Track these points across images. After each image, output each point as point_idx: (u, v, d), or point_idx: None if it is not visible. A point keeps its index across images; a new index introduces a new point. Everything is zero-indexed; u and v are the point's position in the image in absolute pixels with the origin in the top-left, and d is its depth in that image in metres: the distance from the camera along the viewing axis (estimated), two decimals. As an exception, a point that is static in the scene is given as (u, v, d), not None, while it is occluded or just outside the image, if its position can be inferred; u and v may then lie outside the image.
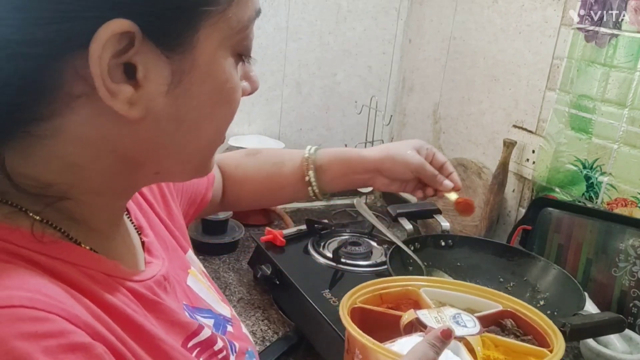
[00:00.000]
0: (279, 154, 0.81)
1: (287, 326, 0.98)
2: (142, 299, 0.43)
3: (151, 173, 0.43)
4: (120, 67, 0.35)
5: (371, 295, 0.63)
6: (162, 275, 0.48)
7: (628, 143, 1.02)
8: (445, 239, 1.07)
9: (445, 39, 1.47)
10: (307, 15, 1.49)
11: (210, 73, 0.39)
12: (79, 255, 0.39)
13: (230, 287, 1.09)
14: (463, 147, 1.44)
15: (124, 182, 0.42)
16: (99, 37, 0.33)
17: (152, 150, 0.40)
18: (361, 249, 1.11)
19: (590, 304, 0.95)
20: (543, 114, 1.21)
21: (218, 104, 0.41)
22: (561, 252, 1.09)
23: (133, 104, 0.36)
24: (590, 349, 0.87)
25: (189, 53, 0.37)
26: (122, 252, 0.46)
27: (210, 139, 0.43)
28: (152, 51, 0.36)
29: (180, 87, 0.38)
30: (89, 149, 0.38)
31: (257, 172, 0.80)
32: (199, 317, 0.51)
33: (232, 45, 0.40)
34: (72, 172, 0.39)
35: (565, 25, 1.13)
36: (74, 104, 0.36)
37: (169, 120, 0.39)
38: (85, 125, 0.37)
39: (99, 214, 0.42)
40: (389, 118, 1.61)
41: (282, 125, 1.57)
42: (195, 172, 0.46)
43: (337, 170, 0.77)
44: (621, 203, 1.04)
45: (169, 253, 0.55)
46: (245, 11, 0.40)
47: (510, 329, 0.61)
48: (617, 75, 1.03)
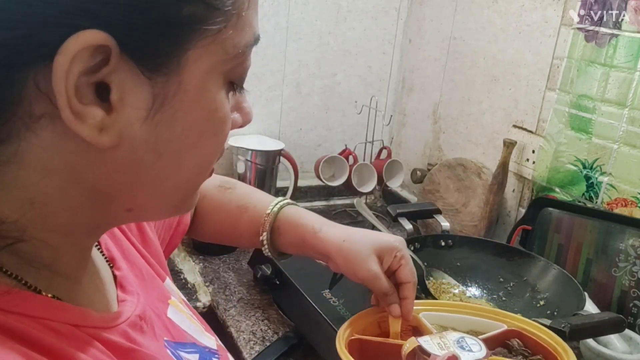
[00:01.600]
0: (247, 196, 0.73)
1: (287, 326, 0.98)
2: (115, 349, 0.37)
3: (123, 210, 0.37)
4: (92, 86, 0.31)
5: (369, 325, 0.62)
6: (137, 315, 0.42)
7: (628, 143, 1.02)
8: (445, 239, 1.07)
9: (445, 39, 1.47)
10: (307, 15, 1.49)
11: (198, 100, 0.34)
12: (39, 306, 0.33)
13: (230, 287, 1.09)
14: (463, 147, 1.44)
15: (92, 218, 0.37)
16: (67, 48, 0.29)
17: (125, 183, 0.35)
18: (361, 249, 1.11)
19: (590, 304, 0.95)
20: (543, 114, 1.21)
21: (204, 135, 0.36)
22: (561, 252, 1.09)
23: (103, 130, 0.31)
24: (590, 349, 0.87)
25: (175, 75, 0.33)
26: (91, 294, 0.40)
27: (192, 173, 0.38)
28: (131, 70, 0.31)
29: (161, 113, 0.33)
30: (52, 178, 0.33)
31: (219, 209, 0.73)
32: (182, 353, 0.47)
33: (225, 72, 0.36)
34: (32, 207, 0.33)
35: (565, 25, 1.13)
36: (35, 126, 0.31)
37: (146, 150, 0.33)
38: (48, 151, 0.32)
39: (64, 256, 0.36)
40: (389, 118, 1.61)
41: (282, 125, 1.57)
42: (174, 209, 0.41)
43: (292, 240, 0.68)
44: (621, 203, 1.04)
45: (145, 284, 0.50)
46: (243, 36, 0.35)
47: (517, 350, 0.59)
48: (617, 75, 1.03)
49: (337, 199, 1.65)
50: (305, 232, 0.67)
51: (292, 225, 0.68)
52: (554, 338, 0.59)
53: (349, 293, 0.62)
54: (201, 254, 1.20)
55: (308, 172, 1.58)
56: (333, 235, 0.66)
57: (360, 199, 1.51)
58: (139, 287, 0.48)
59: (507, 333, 0.61)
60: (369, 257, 0.64)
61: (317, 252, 0.67)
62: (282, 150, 1.42)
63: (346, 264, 0.64)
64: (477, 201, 1.31)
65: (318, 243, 0.66)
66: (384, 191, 1.67)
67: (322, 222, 0.68)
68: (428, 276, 0.99)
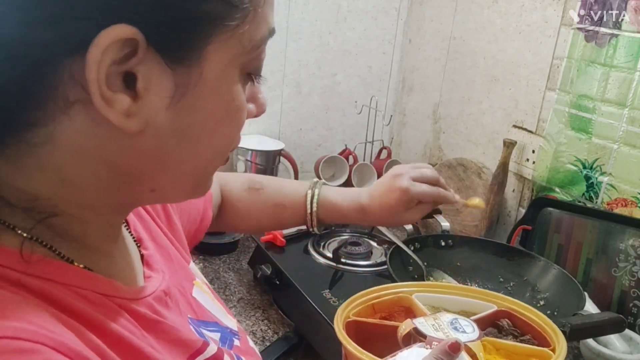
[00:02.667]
0: (280, 192, 0.81)
1: (287, 326, 0.98)
2: (141, 320, 0.40)
3: (147, 190, 0.40)
4: (120, 75, 0.33)
5: (363, 307, 0.61)
6: (162, 290, 0.45)
7: (628, 143, 1.02)
8: (445, 239, 1.07)
9: (445, 39, 1.47)
10: (307, 15, 1.49)
11: (217, 90, 0.37)
12: (71, 275, 0.36)
13: (230, 287, 1.09)
14: (463, 147, 1.44)
15: (119, 197, 0.40)
16: (99, 41, 0.32)
17: (149, 165, 0.38)
18: (361, 249, 1.11)
19: (590, 304, 0.95)
20: (543, 114, 1.20)
21: (221, 122, 0.39)
22: (561, 252, 1.09)
23: (130, 116, 0.34)
24: (590, 349, 0.87)
25: (196, 67, 0.35)
26: (119, 268, 0.43)
27: (209, 158, 0.41)
28: (156, 61, 0.34)
29: (183, 101, 0.36)
30: (83, 159, 0.36)
31: (259, 211, 0.80)
32: (204, 330, 0.50)
33: (242, 64, 0.38)
34: (64, 185, 0.36)
35: (565, 25, 1.13)
36: (69, 111, 0.34)
37: (169, 134, 0.37)
38: (80, 134, 0.35)
39: (94, 231, 0.40)
40: (389, 118, 1.61)
41: (282, 125, 1.57)
42: (191, 191, 0.43)
43: (334, 218, 0.80)
44: (621, 203, 1.04)
45: (172, 264, 0.53)
46: (259, 30, 0.38)
47: (507, 330, 0.60)
48: (617, 75, 1.03)
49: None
50: (352, 218, 0.79)
51: (335, 214, 0.79)
52: (542, 318, 0.60)
53: (349, 293, 0.62)
54: (201, 254, 1.20)
55: (308, 172, 1.58)
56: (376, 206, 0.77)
57: (360, 199, 1.51)
58: (165, 266, 0.50)
59: (497, 313, 0.62)
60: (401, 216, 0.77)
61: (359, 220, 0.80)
62: (282, 150, 1.42)
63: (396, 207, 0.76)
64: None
65: (365, 221, 0.80)
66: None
67: (356, 202, 0.78)
68: (428, 276, 0.99)
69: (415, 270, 0.98)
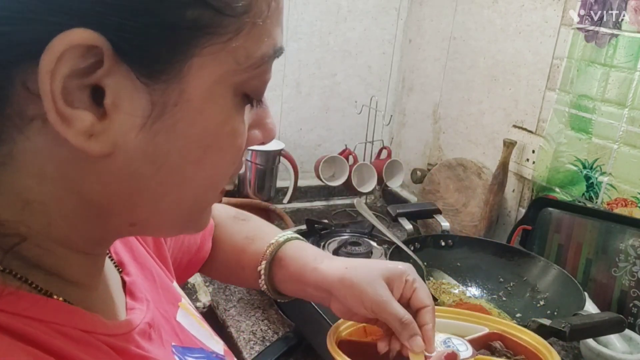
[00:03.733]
0: (259, 229, 0.69)
1: (287, 326, 0.98)
2: (127, 357, 0.36)
3: (126, 224, 0.35)
4: (86, 89, 0.29)
5: (354, 329, 0.61)
6: (146, 322, 0.41)
7: (628, 143, 1.02)
8: (445, 239, 1.07)
9: (445, 39, 1.47)
10: (307, 15, 1.49)
11: (203, 111, 0.32)
12: (50, 310, 0.32)
13: (230, 287, 1.09)
14: (463, 147, 1.44)
15: (93, 232, 0.35)
16: (52, 47, 0.27)
17: (122, 195, 0.33)
18: (361, 249, 1.11)
19: (590, 304, 0.95)
20: (543, 114, 1.21)
21: (210, 149, 0.34)
22: (561, 252, 1.09)
23: (93, 136, 0.30)
24: (590, 349, 0.87)
25: (176, 83, 0.31)
26: (100, 300, 0.39)
27: (197, 191, 0.36)
28: (127, 75, 0.29)
29: (160, 123, 0.31)
30: (47, 185, 0.32)
31: (227, 240, 0.69)
32: (189, 358, 0.46)
33: (236, 83, 0.33)
34: (30, 212, 0.32)
35: (565, 25, 1.13)
36: (27, 128, 0.30)
37: (143, 161, 0.32)
38: (41, 156, 0.31)
39: (71, 266, 0.35)
40: (389, 118, 1.61)
41: (282, 125, 1.57)
42: (182, 227, 0.39)
43: (292, 274, 0.62)
44: (621, 203, 1.04)
45: (155, 287, 0.49)
46: (259, 46, 0.33)
47: (500, 351, 0.60)
48: (617, 75, 1.03)
49: (337, 199, 1.65)
50: (305, 264, 0.60)
51: (293, 257, 0.62)
52: (536, 339, 0.60)
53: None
54: (201, 254, 1.20)
55: (308, 172, 1.58)
56: (334, 266, 0.59)
57: (360, 199, 1.51)
58: (149, 291, 0.47)
59: (490, 336, 0.62)
60: (377, 282, 0.56)
61: (316, 289, 0.59)
62: (282, 150, 1.42)
63: (351, 293, 0.56)
64: (477, 201, 1.31)
65: (318, 276, 0.59)
66: (384, 191, 1.67)
67: (325, 256, 0.62)
68: (428, 276, 0.99)
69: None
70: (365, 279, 0.56)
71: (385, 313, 0.54)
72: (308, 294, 0.61)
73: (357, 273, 0.56)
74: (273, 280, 0.63)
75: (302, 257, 0.61)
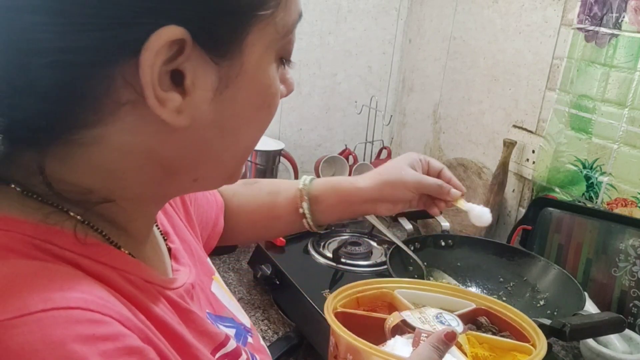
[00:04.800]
0: (276, 183, 0.78)
1: (287, 326, 0.98)
2: (177, 308, 0.42)
3: (189, 180, 0.41)
4: (168, 74, 0.34)
5: (348, 300, 0.63)
6: (190, 283, 0.46)
7: (628, 143, 1.02)
8: (445, 239, 1.07)
9: (445, 39, 1.47)
10: (307, 15, 1.49)
11: (256, 78, 0.38)
12: (120, 260, 0.38)
13: (230, 287, 1.09)
14: (463, 147, 1.44)
15: (162, 189, 0.41)
16: (151, 44, 0.32)
17: (192, 157, 0.39)
18: (361, 249, 1.11)
19: (590, 304, 0.95)
20: (543, 114, 1.21)
21: (260, 109, 0.40)
22: (561, 252, 1.09)
23: (180, 112, 0.35)
24: (590, 349, 0.87)
25: (237, 58, 0.36)
26: (153, 259, 0.45)
27: (247, 144, 0.42)
28: (201, 57, 0.35)
29: (225, 94, 0.37)
30: (130, 156, 0.37)
31: (251, 201, 0.76)
32: (221, 326, 0.50)
33: (276, 50, 0.39)
34: (112, 179, 0.38)
35: (565, 25, 1.13)
36: (119, 112, 0.35)
37: (212, 127, 0.38)
38: (129, 134, 0.36)
39: (136, 220, 0.41)
40: (389, 118, 1.61)
41: (282, 125, 1.57)
42: (227, 178, 0.44)
43: (333, 201, 0.72)
44: (621, 203, 1.04)
45: (194, 258, 0.54)
46: (290, 15, 0.39)
47: (486, 327, 0.62)
48: (617, 75, 1.03)
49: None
50: (345, 188, 0.72)
51: (328, 187, 0.72)
52: (520, 316, 0.61)
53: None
54: (201, 254, 1.20)
55: (308, 172, 1.58)
56: (368, 177, 0.72)
57: (360, 199, 1.51)
58: (189, 260, 0.52)
59: (476, 311, 0.64)
60: (407, 170, 0.72)
61: (362, 202, 0.72)
62: (282, 150, 1.42)
63: (393, 188, 0.71)
64: (477, 201, 1.31)
65: (360, 192, 0.71)
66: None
67: (352, 179, 0.74)
68: (428, 276, 0.99)
69: (415, 270, 0.98)
70: (400, 172, 0.72)
71: (425, 185, 0.72)
72: (354, 211, 0.74)
73: (392, 172, 0.72)
74: (315, 215, 0.73)
75: (337, 187, 0.73)
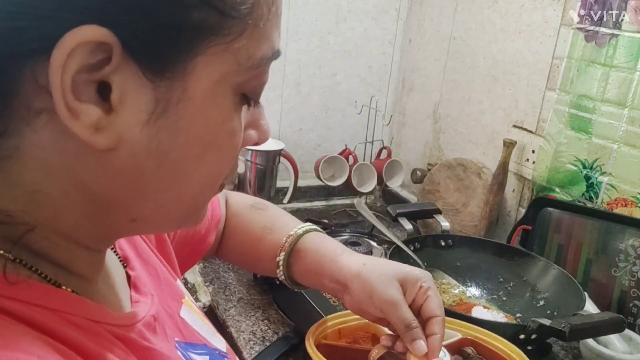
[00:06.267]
0: (277, 219, 0.71)
1: (287, 326, 0.98)
2: (134, 347, 0.37)
3: (127, 220, 0.36)
4: (93, 85, 0.30)
5: (330, 331, 0.62)
6: (151, 315, 0.42)
7: (628, 143, 1.02)
8: (445, 239, 1.07)
9: (445, 39, 1.47)
10: (307, 15, 1.49)
11: (204, 110, 0.33)
12: (59, 300, 0.33)
13: (230, 287, 1.09)
14: (463, 147, 1.44)
15: (97, 227, 0.36)
16: (64, 42, 0.28)
17: (125, 190, 0.34)
18: (361, 249, 1.11)
19: (590, 304, 0.95)
20: (543, 114, 1.21)
21: (210, 147, 0.35)
22: (561, 252, 1.09)
23: (100, 129, 0.30)
24: (590, 349, 0.87)
25: (180, 81, 0.31)
26: (106, 293, 0.40)
27: (196, 187, 0.36)
28: (134, 72, 0.30)
29: (164, 119, 0.32)
30: (51, 177, 0.32)
31: (245, 229, 0.71)
32: (192, 354, 0.47)
33: (236, 83, 0.34)
34: (35, 203, 0.33)
35: (565, 25, 1.13)
36: (35, 121, 0.30)
37: (146, 156, 0.33)
38: (48, 149, 0.31)
39: (77, 259, 0.36)
40: (389, 118, 1.61)
41: (282, 125, 1.57)
42: (179, 222, 0.40)
43: (309, 265, 0.65)
44: (621, 203, 1.04)
45: (159, 283, 0.50)
46: (259, 47, 0.34)
47: (473, 357, 0.61)
48: (617, 75, 1.03)
49: (337, 199, 1.65)
50: (324, 256, 0.64)
51: (312, 249, 0.65)
52: (507, 345, 0.61)
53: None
54: (201, 254, 1.20)
55: (308, 172, 1.58)
56: (353, 261, 0.62)
57: (360, 199, 1.51)
58: (153, 286, 0.47)
59: (462, 341, 0.63)
60: (390, 282, 0.58)
61: (332, 281, 0.62)
62: (282, 150, 1.42)
63: (363, 289, 0.59)
64: (477, 201, 1.31)
65: (336, 268, 0.62)
66: (384, 191, 1.67)
67: (344, 249, 0.65)
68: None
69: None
70: (379, 278, 0.58)
71: (393, 314, 0.56)
72: (324, 285, 0.64)
73: (373, 270, 0.59)
74: (291, 270, 0.66)
75: (321, 250, 0.64)
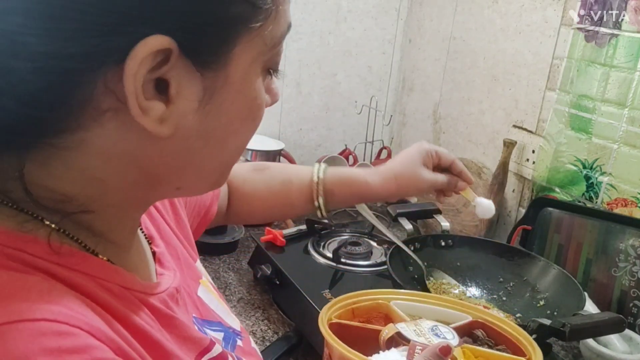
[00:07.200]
0: (287, 171, 0.80)
1: (287, 326, 0.98)
2: (158, 314, 0.41)
3: (173, 188, 0.42)
4: (152, 82, 0.34)
5: (344, 311, 0.63)
6: (174, 287, 0.46)
7: (628, 143, 1.02)
8: (445, 239, 1.07)
9: (445, 39, 1.47)
10: (307, 15, 1.50)
11: (242, 90, 0.38)
12: (96, 267, 0.37)
13: (230, 287, 1.09)
14: (463, 147, 1.44)
15: (144, 196, 0.41)
16: (136, 53, 0.32)
17: (175, 166, 0.39)
18: (361, 249, 1.11)
19: (590, 304, 0.95)
20: (543, 114, 1.21)
21: (245, 120, 0.40)
22: (561, 252, 1.09)
23: (163, 121, 0.35)
24: (590, 349, 0.87)
25: (223, 70, 0.36)
26: (136, 263, 0.45)
27: (232, 154, 0.42)
28: (186, 67, 0.35)
29: (210, 104, 0.37)
30: (112, 163, 0.37)
31: (264, 189, 0.79)
32: (208, 330, 0.50)
33: (264, 62, 0.39)
34: (92, 186, 0.37)
35: (565, 25, 1.13)
36: (101, 118, 0.35)
37: (197, 137, 0.38)
38: (110, 140, 0.35)
39: (116, 226, 0.41)
40: (389, 118, 1.61)
41: (282, 125, 1.57)
42: (212, 185, 0.45)
43: (346, 195, 0.77)
44: (621, 203, 1.04)
45: (179, 262, 0.54)
46: (280, 27, 0.39)
47: (482, 340, 0.61)
48: (617, 75, 1.03)
49: (337, 199, 1.65)
50: (359, 186, 0.77)
51: (343, 184, 0.77)
52: (517, 329, 0.61)
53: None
54: (201, 253, 1.20)
55: (308, 172, 1.58)
56: (381, 176, 0.77)
57: (360, 199, 1.51)
58: (174, 264, 0.51)
59: (472, 324, 0.63)
60: (421, 171, 0.76)
61: (374, 199, 0.81)
62: (282, 150, 1.42)
63: (406, 189, 0.77)
64: (477, 201, 1.31)
65: (373, 192, 0.77)
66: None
67: (365, 173, 0.77)
68: (428, 276, 0.99)
69: (415, 270, 0.98)
70: (414, 174, 0.76)
71: (437, 186, 0.79)
72: (365, 202, 0.84)
73: (405, 173, 0.76)
74: (327, 205, 0.77)
75: (351, 184, 0.77)
